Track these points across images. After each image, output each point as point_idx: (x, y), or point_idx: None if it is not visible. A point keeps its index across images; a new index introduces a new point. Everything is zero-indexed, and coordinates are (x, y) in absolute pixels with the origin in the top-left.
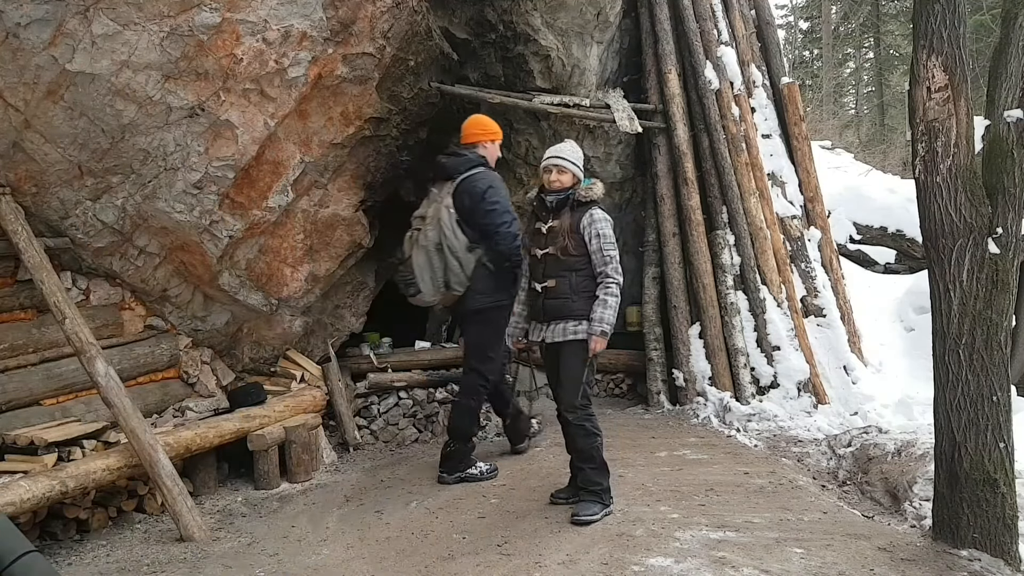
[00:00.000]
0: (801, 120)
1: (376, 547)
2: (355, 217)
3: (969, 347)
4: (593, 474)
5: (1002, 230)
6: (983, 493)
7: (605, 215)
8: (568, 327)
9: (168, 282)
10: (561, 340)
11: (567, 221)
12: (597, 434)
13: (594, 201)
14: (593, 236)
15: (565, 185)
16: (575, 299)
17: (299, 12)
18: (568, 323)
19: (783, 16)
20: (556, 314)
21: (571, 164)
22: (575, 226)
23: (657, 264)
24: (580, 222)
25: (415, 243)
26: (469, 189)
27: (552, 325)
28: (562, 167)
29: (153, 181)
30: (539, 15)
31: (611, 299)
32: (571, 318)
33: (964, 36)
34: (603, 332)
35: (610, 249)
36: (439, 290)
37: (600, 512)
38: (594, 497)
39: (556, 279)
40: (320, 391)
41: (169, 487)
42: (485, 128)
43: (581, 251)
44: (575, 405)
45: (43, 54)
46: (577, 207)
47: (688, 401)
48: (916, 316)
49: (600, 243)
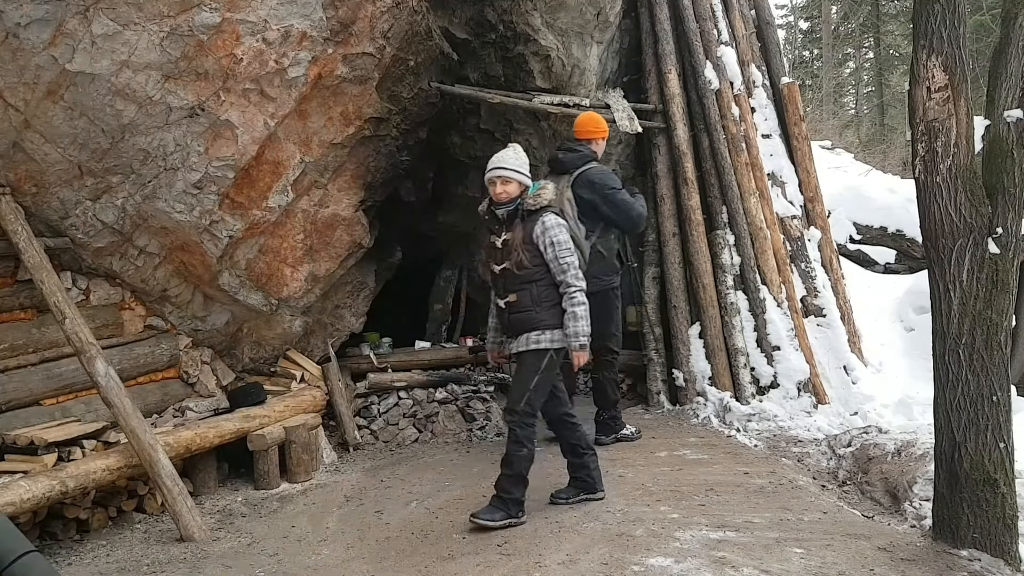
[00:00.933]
0: (801, 120)
1: (376, 547)
2: (355, 217)
3: (969, 347)
4: (506, 481)
5: (1002, 230)
6: (983, 493)
7: (557, 220)
8: (531, 336)
9: (168, 282)
10: (523, 349)
11: (519, 233)
12: (526, 445)
13: (545, 207)
14: (547, 245)
15: (512, 195)
16: (538, 311)
17: (299, 12)
18: (531, 333)
19: (783, 16)
20: (521, 327)
21: (514, 172)
22: (528, 237)
23: (657, 264)
24: (533, 232)
25: None
26: (587, 182)
27: (519, 338)
28: (506, 177)
29: (153, 181)
30: (539, 15)
31: (579, 309)
32: (536, 330)
33: (964, 36)
34: (581, 345)
35: (566, 256)
36: None
37: (501, 520)
38: (500, 504)
39: (517, 293)
40: (320, 391)
41: (169, 487)
42: (598, 125)
43: (537, 262)
44: (515, 410)
45: (43, 54)
46: (528, 216)
47: (688, 401)
48: (916, 316)
49: (555, 251)
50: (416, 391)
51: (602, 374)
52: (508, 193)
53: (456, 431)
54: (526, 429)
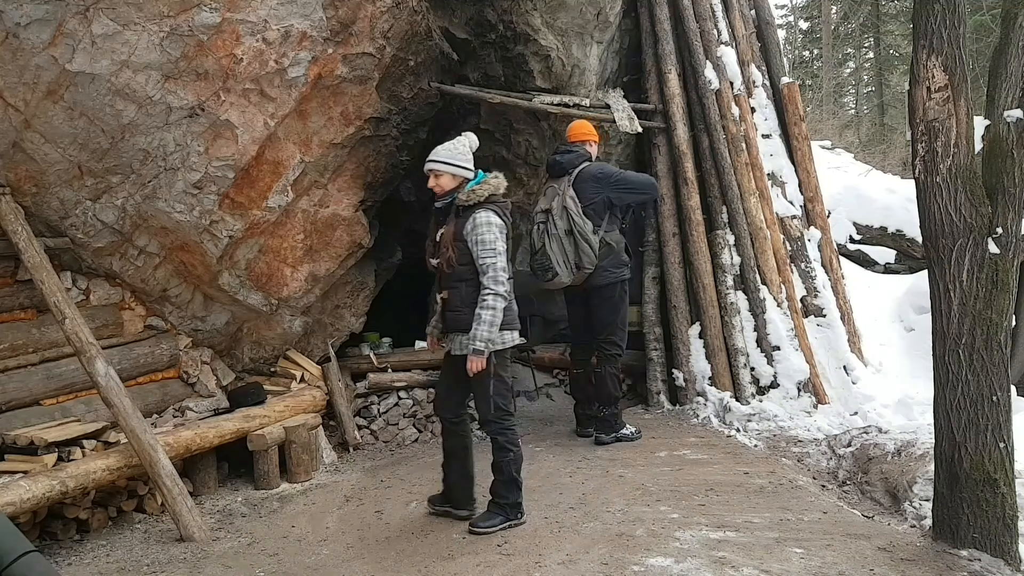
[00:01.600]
0: (801, 120)
1: (376, 547)
2: (355, 217)
3: (969, 347)
4: (500, 487)
5: (1002, 230)
6: (983, 493)
7: (488, 217)
8: (464, 340)
9: (168, 282)
10: (458, 353)
11: (451, 229)
12: (511, 449)
13: (483, 203)
14: (473, 243)
15: (446, 188)
16: (466, 312)
17: (299, 12)
18: (463, 336)
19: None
20: (453, 326)
21: (443, 165)
22: (458, 234)
23: (657, 264)
24: (463, 229)
25: (546, 233)
26: (589, 177)
27: (452, 336)
28: (436, 170)
29: (153, 181)
30: (539, 15)
31: (485, 313)
32: (465, 331)
33: (964, 36)
34: (475, 350)
35: (488, 256)
36: (571, 272)
37: (499, 524)
38: (497, 509)
39: (449, 291)
40: (320, 391)
41: (169, 487)
42: (590, 131)
43: (466, 260)
44: (488, 419)
45: (43, 54)
46: (462, 212)
47: (688, 401)
48: (916, 316)
49: (478, 250)
50: (416, 391)
51: (604, 367)
52: (441, 186)
53: None
54: (506, 433)
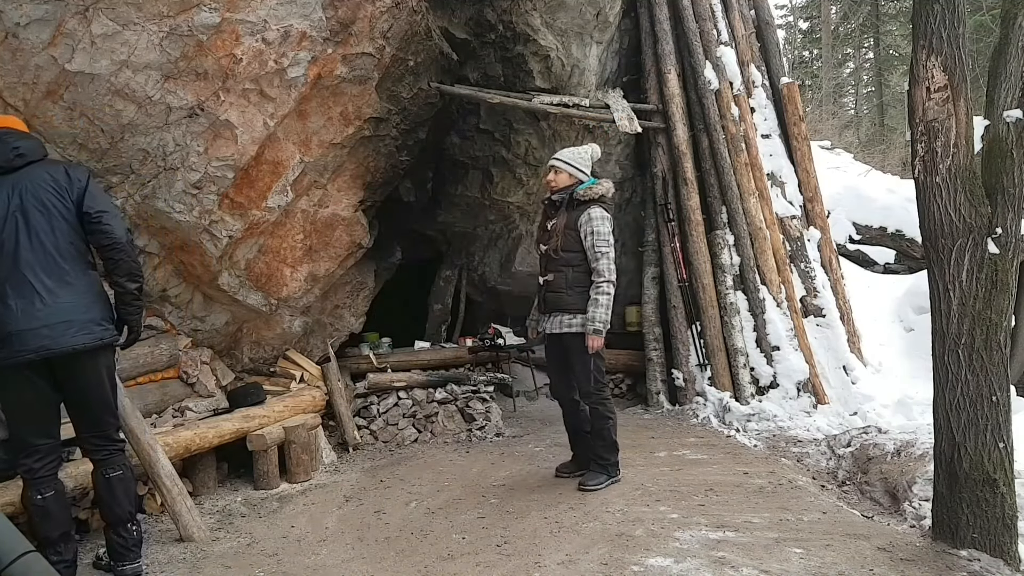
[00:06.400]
0: (801, 120)
1: (376, 547)
2: (355, 217)
3: (969, 347)
4: (602, 450)
5: (1001, 230)
6: (983, 493)
7: (603, 213)
8: (564, 319)
9: (168, 282)
10: (559, 332)
11: (563, 220)
12: (609, 416)
13: (595, 200)
14: (588, 233)
15: (560, 185)
16: (569, 293)
17: (299, 12)
18: (564, 316)
19: (783, 16)
20: (553, 306)
21: (566, 165)
22: (570, 224)
23: (656, 264)
24: (577, 220)
25: None
26: None
27: (551, 317)
28: (557, 167)
29: (153, 181)
30: (539, 15)
31: (601, 297)
32: (566, 311)
33: (964, 36)
34: (595, 330)
35: (603, 247)
36: None
37: (605, 482)
38: (601, 469)
39: (554, 274)
40: (320, 391)
41: (168, 487)
42: None
43: (575, 248)
44: (588, 391)
45: (43, 54)
46: (576, 206)
47: (688, 401)
48: (916, 316)
49: (593, 240)
50: (416, 391)
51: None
52: (557, 182)
53: (455, 431)
54: (605, 403)
